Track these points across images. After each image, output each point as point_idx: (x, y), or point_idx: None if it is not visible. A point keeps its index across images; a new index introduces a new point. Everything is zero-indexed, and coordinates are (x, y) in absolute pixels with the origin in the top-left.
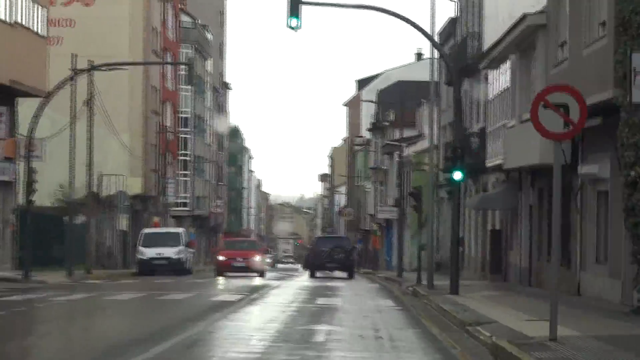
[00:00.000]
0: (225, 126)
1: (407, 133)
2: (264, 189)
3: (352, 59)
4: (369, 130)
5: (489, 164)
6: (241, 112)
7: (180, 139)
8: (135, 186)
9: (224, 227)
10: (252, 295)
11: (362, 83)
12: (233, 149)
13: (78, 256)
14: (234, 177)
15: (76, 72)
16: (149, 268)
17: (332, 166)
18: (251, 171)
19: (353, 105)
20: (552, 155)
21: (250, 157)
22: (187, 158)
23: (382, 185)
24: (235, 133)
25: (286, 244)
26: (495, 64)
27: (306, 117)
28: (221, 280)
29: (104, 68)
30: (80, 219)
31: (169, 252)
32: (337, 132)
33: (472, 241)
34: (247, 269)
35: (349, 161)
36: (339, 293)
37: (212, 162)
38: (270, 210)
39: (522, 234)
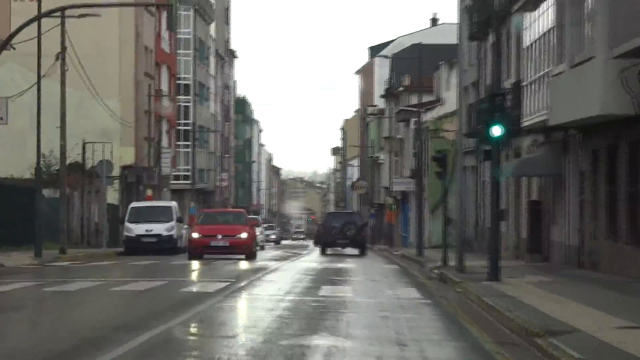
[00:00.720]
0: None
1: (424, 99)
2: (275, 163)
3: (364, 26)
4: (383, 97)
5: (526, 122)
6: (249, 82)
7: (180, 107)
8: (126, 156)
9: (231, 201)
10: (239, 283)
11: (375, 50)
12: (241, 120)
13: (55, 234)
14: (242, 151)
15: (41, 16)
16: (137, 246)
17: (344, 139)
18: (261, 145)
19: (366, 73)
20: (617, 104)
21: (260, 130)
22: (188, 128)
23: (397, 155)
24: (242, 104)
25: (299, 219)
26: (532, 5)
27: (317, 88)
28: (196, 264)
29: (75, 15)
30: (57, 192)
31: (159, 228)
32: (349, 103)
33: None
34: (231, 250)
35: (362, 132)
36: (350, 278)
37: (217, 133)
38: (282, 185)
39: (570, 206)
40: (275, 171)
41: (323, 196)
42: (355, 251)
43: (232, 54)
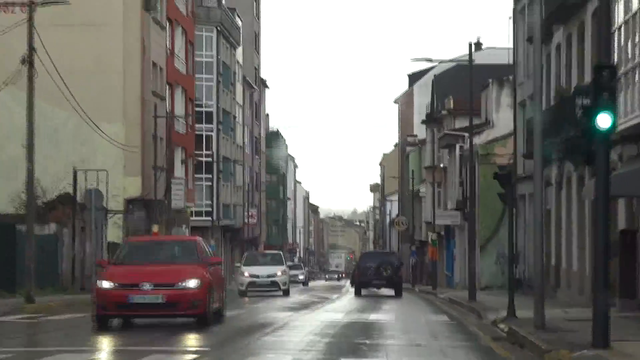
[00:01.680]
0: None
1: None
2: (312, 201)
3: (402, 54)
4: (424, 122)
5: (620, 126)
6: (281, 114)
7: (202, 137)
8: (131, 187)
9: (263, 240)
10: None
11: (414, 78)
12: (274, 155)
13: (46, 277)
14: (275, 187)
15: None
16: None
17: (382, 174)
18: (298, 182)
19: (405, 102)
20: None
21: (295, 166)
22: (210, 159)
23: (440, 186)
24: (275, 137)
25: (338, 258)
26: None
27: (355, 121)
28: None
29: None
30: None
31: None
32: (388, 136)
33: (573, 248)
34: (166, 308)
35: (401, 165)
36: (384, 342)
37: (245, 166)
38: (320, 224)
39: None
40: (313, 209)
41: (362, 234)
42: (391, 292)
43: (262, 83)
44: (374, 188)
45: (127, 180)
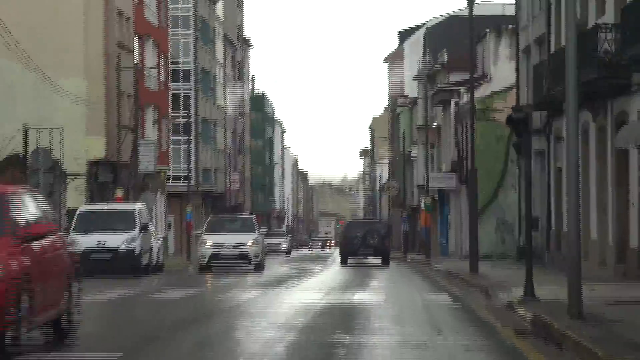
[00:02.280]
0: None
1: (465, 77)
2: (301, 167)
3: (391, 11)
4: (415, 79)
5: None
6: (267, 75)
7: (180, 96)
8: (95, 148)
9: (248, 207)
10: None
11: (405, 35)
12: (260, 119)
13: None
14: (260, 152)
15: None
16: (85, 266)
17: (372, 139)
18: (286, 148)
19: (395, 60)
20: None
21: (283, 131)
22: (188, 120)
23: (434, 147)
24: (260, 101)
25: (327, 226)
26: None
27: (344, 83)
28: None
29: None
30: None
31: (115, 240)
32: (378, 97)
33: (591, 212)
34: None
35: (391, 126)
36: (369, 339)
37: (227, 128)
38: (310, 191)
39: None
40: (302, 176)
41: (353, 201)
42: (378, 260)
43: (246, 42)
44: (363, 153)
45: (89, 140)
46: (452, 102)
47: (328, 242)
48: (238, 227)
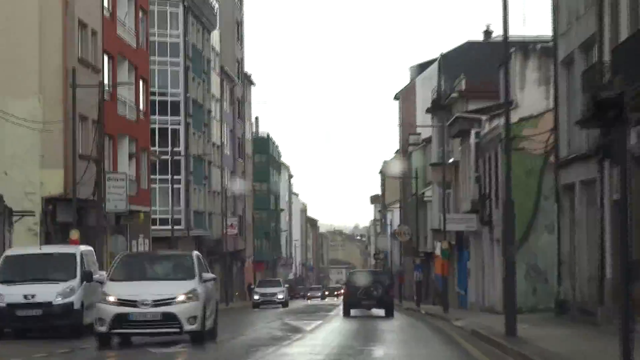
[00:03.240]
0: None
1: (486, 104)
2: (311, 214)
3: (402, 47)
4: (429, 111)
5: None
6: (272, 118)
7: (168, 130)
8: (51, 182)
9: (249, 254)
10: None
11: (417, 70)
12: (263, 162)
13: None
14: (264, 197)
15: None
16: (10, 324)
17: (383, 183)
18: (295, 194)
19: (406, 97)
20: None
21: (290, 176)
22: (176, 156)
23: (450, 187)
24: (265, 143)
25: (338, 274)
26: None
27: (353, 127)
28: None
29: None
30: None
31: (47, 292)
32: (389, 144)
33: None
34: None
35: (403, 168)
36: None
37: (224, 170)
38: (320, 238)
39: None
40: (311, 223)
41: (364, 249)
42: (381, 312)
43: (247, 79)
44: (374, 199)
45: (45, 173)
46: (472, 132)
47: (328, 292)
48: (164, 271)
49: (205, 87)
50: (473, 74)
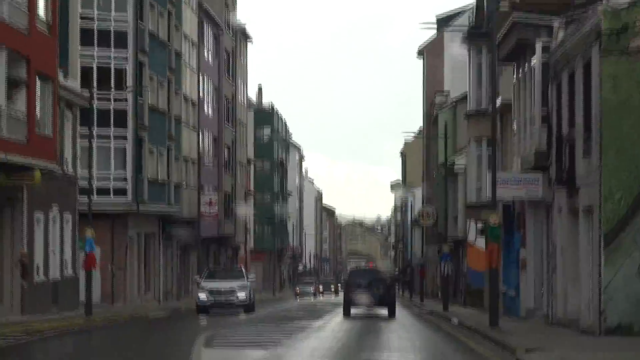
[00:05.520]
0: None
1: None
2: (328, 203)
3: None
4: (466, 40)
5: None
6: (285, 105)
7: (111, 69)
8: None
9: (241, 240)
10: None
11: (443, 22)
12: (265, 136)
13: None
14: (267, 176)
15: None
16: None
17: (404, 166)
18: (309, 180)
19: (432, 52)
20: None
21: (301, 157)
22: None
23: (497, 142)
24: (268, 115)
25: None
26: None
27: (375, 109)
28: None
29: None
30: None
31: None
32: (412, 120)
33: None
34: None
35: (426, 137)
36: None
37: (205, 134)
38: (338, 229)
39: None
40: (329, 213)
41: (384, 241)
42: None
43: (243, 34)
44: (395, 187)
45: None
46: (538, 45)
47: (323, 285)
48: None
49: (172, 22)
50: None
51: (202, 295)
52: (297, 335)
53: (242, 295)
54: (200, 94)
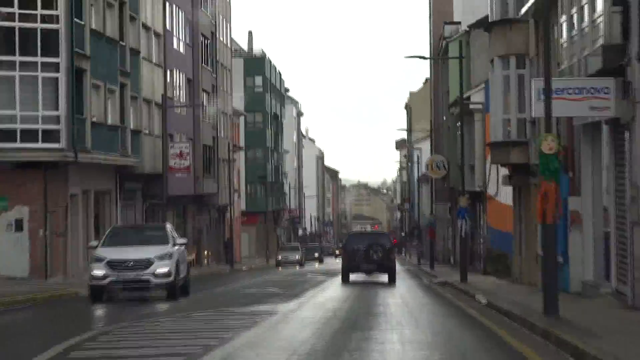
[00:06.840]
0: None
1: None
2: (331, 165)
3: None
4: None
5: None
6: (275, 44)
7: None
8: None
9: (225, 200)
10: None
11: None
12: (255, 86)
13: None
14: (258, 131)
15: None
16: None
17: (409, 119)
18: (310, 139)
19: None
20: None
21: (299, 113)
22: (53, 26)
23: (523, 62)
24: (259, 62)
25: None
26: None
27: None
28: None
29: None
30: None
31: None
32: (418, 74)
33: None
34: None
35: (434, 80)
36: None
37: (175, 72)
38: (342, 191)
39: None
40: (332, 174)
41: (390, 203)
42: (384, 277)
43: None
44: (400, 144)
45: None
46: None
47: (299, 255)
48: None
49: None
50: None
51: (98, 271)
52: (227, 337)
53: (162, 269)
54: (167, 25)
